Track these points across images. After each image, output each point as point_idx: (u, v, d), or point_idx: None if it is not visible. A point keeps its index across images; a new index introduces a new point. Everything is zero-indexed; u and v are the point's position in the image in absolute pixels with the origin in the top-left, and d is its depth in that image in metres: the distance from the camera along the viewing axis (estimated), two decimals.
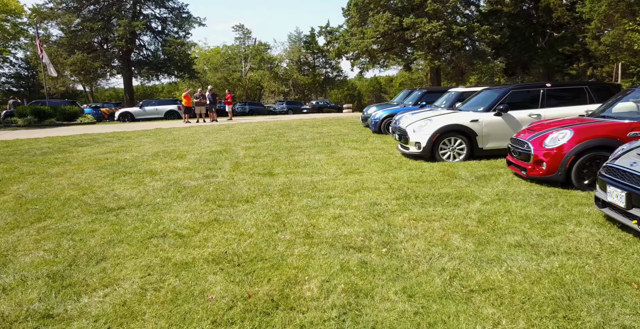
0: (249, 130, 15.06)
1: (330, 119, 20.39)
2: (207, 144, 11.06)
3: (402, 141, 8.02)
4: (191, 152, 9.60)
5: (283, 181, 6.28)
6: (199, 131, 15.14)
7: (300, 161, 7.94)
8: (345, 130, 13.90)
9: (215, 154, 9.21)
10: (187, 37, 36.35)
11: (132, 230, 4.25)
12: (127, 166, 7.96)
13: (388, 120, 12.10)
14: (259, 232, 4.12)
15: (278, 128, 15.50)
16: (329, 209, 4.78)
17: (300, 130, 14.35)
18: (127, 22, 29.31)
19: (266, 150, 9.58)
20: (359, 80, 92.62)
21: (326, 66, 65.63)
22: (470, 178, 6.06)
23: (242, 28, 62.57)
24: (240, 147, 10.25)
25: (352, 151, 9.13)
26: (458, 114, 7.65)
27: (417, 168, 6.92)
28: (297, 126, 16.48)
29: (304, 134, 12.76)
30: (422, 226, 4.14)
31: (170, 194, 5.72)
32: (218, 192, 5.74)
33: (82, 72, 30.85)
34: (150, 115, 26.14)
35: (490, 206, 4.72)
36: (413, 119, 8.13)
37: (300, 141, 11.04)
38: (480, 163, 7.10)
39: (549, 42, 26.59)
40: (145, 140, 12.42)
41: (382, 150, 9.13)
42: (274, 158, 8.41)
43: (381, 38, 23.52)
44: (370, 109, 14.54)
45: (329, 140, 11.06)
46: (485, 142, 7.33)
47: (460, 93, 10.06)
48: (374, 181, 6.08)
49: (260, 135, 13.00)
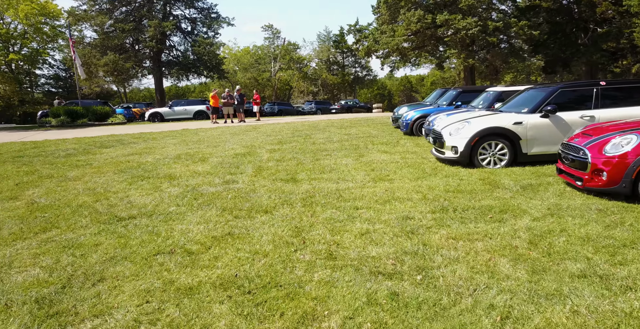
0: (275, 131, 14.71)
1: (359, 120, 19.84)
2: (232, 146, 10.74)
3: (436, 144, 7.42)
4: (214, 154, 9.28)
5: (306, 189, 5.82)
6: (225, 132, 14.91)
7: (325, 166, 7.47)
8: (374, 131, 13.34)
9: (238, 157, 8.86)
10: (217, 38, 36.56)
11: (138, 244, 3.89)
12: (147, 169, 7.69)
13: (420, 121, 11.47)
14: (275, 250, 3.67)
15: (305, 129, 15.09)
16: (355, 223, 4.29)
17: (327, 131, 13.89)
18: (157, 23, 29.62)
19: (291, 153, 9.16)
20: (389, 80, 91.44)
21: (355, 65, 64.97)
22: (515, 188, 5.43)
23: (271, 28, 62.70)
24: (264, 149, 9.87)
25: (381, 154, 8.59)
26: (499, 115, 7.00)
27: (454, 175, 6.32)
28: (325, 127, 16.02)
29: (331, 136, 12.28)
30: (463, 247, 3.59)
31: (185, 202, 5.36)
32: (236, 200, 5.34)
33: (114, 72, 31.41)
34: (179, 115, 26.27)
35: (541, 222, 4.11)
36: (449, 121, 7.52)
37: (326, 143, 10.57)
38: (524, 170, 6.44)
39: (592, 38, 25.12)
40: (170, 141, 12.25)
41: (415, 154, 8.54)
42: (299, 162, 7.98)
43: (412, 36, 22.75)
44: (401, 110, 13.92)
45: (357, 142, 10.54)
46: (530, 146, 6.65)
47: (499, 93, 9.35)
48: (406, 190, 5.54)
49: (286, 137, 12.61)
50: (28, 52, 44.60)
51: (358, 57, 63.51)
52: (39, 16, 40.53)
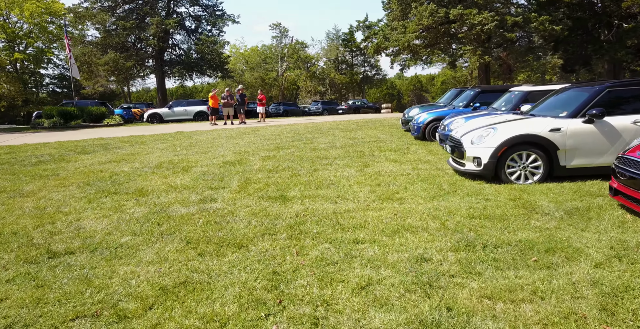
0: (275, 134, 13.71)
1: (366, 122, 18.77)
2: (223, 152, 9.75)
3: (455, 154, 6.34)
4: (200, 163, 8.29)
5: (297, 211, 4.79)
6: (221, 135, 13.94)
7: (324, 179, 6.43)
8: (382, 135, 12.27)
9: (226, 166, 7.86)
10: (221, 36, 35.67)
11: (55, 301, 2.88)
12: (118, 182, 6.72)
13: (434, 124, 10.38)
14: (239, 314, 2.65)
15: (307, 132, 14.07)
16: (354, 268, 3.25)
17: (331, 135, 12.85)
18: (160, 20, 28.80)
19: (287, 161, 8.14)
20: (399, 79, 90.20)
21: (364, 65, 63.87)
22: (557, 213, 4.34)
23: (279, 26, 61.89)
24: (258, 157, 8.86)
25: (389, 164, 7.52)
26: (531, 121, 5.90)
27: (478, 193, 5.24)
28: (329, 129, 14.98)
29: (334, 140, 11.24)
30: (505, 314, 2.53)
31: (145, 229, 4.35)
32: (208, 228, 4.32)
33: (115, 72, 30.67)
34: (179, 116, 25.41)
35: (609, 271, 3.03)
36: (470, 126, 6.44)
37: (328, 150, 9.53)
38: (563, 187, 5.34)
39: (616, 34, 23.76)
40: (158, 146, 11.29)
41: (428, 163, 7.47)
42: (293, 173, 6.94)
43: (424, 32, 21.61)
44: (412, 111, 12.83)
45: (363, 148, 9.49)
46: (570, 158, 5.55)
47: (525, 93, 8.23)
48: (419, 214, 4.48)
49: (285, 141, 11.59)
50: (33, 51, 44.20)
51: (367, 56, 62.28)
52: (45, 15, 40.07)
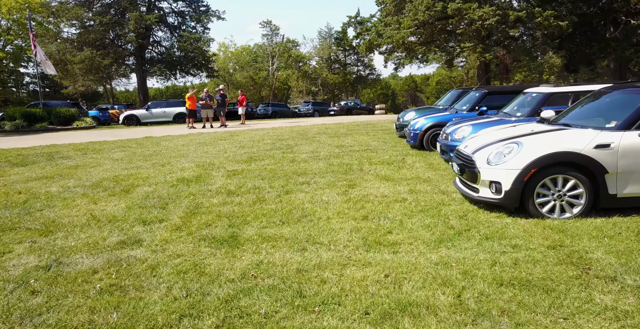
0: (254, 140, 12.27)
1: (358, 125, 17.38)
2: (185, 164, 8.30)
3: (465, 175, 4.93)
4: (151, 179, 6.84)
5: (245, 266, 3.37)
6: (192, 142, 12.47)
7: (295, 206, 5.01)
8: (374, 142, 10.86)
9: (180, 184, 6.41)
10: (206, 33, 34.10)
11: None
12: (30, 210, 5.25)
13: (433, 132, 8.99)
14: None
15: (291, 138, 12.64)
16: None
17: (316, 141, 11.42)
18: (139, 15, 27.21)
19: (256, 178, 6.70)
20: (393, 79, 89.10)
21: (358, 64, 62.65)
22: (629, 277, 2.95)
23: (269, 24, 60.54)
24: (223, 171, 7.42)
25: (381, 183, 6.11)
26: (567, 133, 4.52)
27: (501, 235, 3.84)
28: (316, 134, 13.56)
29: (318, 149, 9.82)
30: None
31: (5, 304, 2.90)
32: (102, 301, 2.88)
33: (91, 70, 29.03)
34: (158, 118, 23.87)
35: None
36: (483, 138, 5.04)
37: (310, 162, 8.11)
38: (617, 226, 3.95)
39: (623, 31, 22.55)
40: (114, 156, 9.80)
41: (428, 183, 6.06)
42: (258, 197, 5.51)
43: (420, 28, 20.26)
44: (407, 115, 11.44)
45: (350, 161, 8.07)
46: (622, 184, 4.17)
47: (545, 95, 6.85)
48: (422, 276, 3.08)
49: (262, 149, 10.16)
50: (12, 49, 42.33)
51: (361, 55, 60.93)
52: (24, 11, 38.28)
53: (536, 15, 18.83)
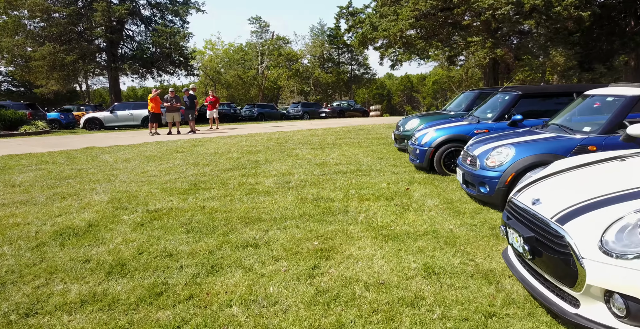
0: (217, 153, 9.89)
1: (349, 131, 15.03)
2: (96, 196, 5.91)
3: (540, 260, 2.55)
4: (18, 229, 4.43)
5: None
6: (140, 155, 10.06)
7: (207, 324, 2.62)
8: (367, 158, 8.51)
9: (51, 242, 4.02)
10: (186, 28, 31.57)
11: None
12: None
13: (448, 148, 6.64)
14: None
15: (265, 150, 10.26)
16: None
17: (294, 156, 9.06)
18: (105, 6, 24.68)
19: (176, 232, 4.32)
20: (389, 79, 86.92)
21: (352, 63, 60.37)
22: None
23: (259, 20, 58.11)
24: (139, 213, 5.02)
25: (375, 247, 3.75)
26: None
27: None
28: (297, 144, 11.19)
29: (293, 169, 7.45)
30: None
31: None
32: None
33: (54, 67, 26.44)
34: (123, 122, 21.40)
35: None
36: (573, 187, 2.67)
37: (274, 194, 5.73)
38: None
39: None
40: (15, 180, 7.37)
41: (453, 247, 3.70)
42: (150, 289, 3.12)
43: (421, 20, 17.98)
44: (409, 124, 9.09)
45: (332, 193, 5.70)
46: None
47: (632, 99, 4.50)
48: None
49: (219, 169, 7.78)
50: None
51: (355, 53, 58.60)
52: None
53: (554, 3, 16.60)
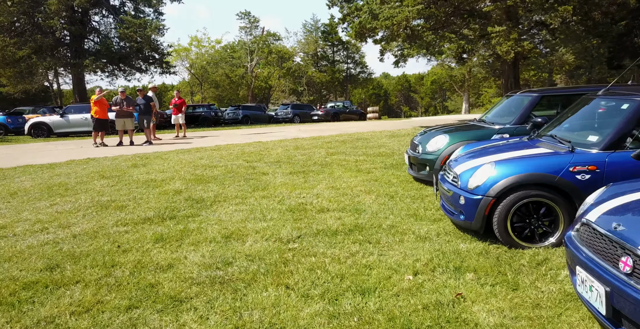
0: (151, 183, 6.88)
1: (344, 141, 12.03)
2: None
3: None
4: None
5: None
6: (42, 185, 7.03)
7: None
8: (369, 199, 5.50)
9: None
10: (161, 20, 28.50)
11: None
12: None
13: (523, 198, 3.63)
14: None
15: (223, 175, 7.25)
16: None
17: (259, 190, 6.05)
18: None
19: None
20: (386, 79, 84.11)
21: (348, 61, 57.47)
22: None
23: (248, 15, 55.10)
24: None
25: None
26: None
27: None
28: (272, 165, 8.17)
29: (246, 227, 4.44)
30: None
31: None
32: None
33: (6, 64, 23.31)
34: (77, 127, 18.32)
35: None
36: None
37: (183, 305, 2.71)
38: None
39: None
40: None
41: None
42: None
43: (431, 6, 15.04)
44: (432, 142, 6.09)
45: (305, 309, 2.69)
46: None
47: None
48: None
49: (127, 222, 4.77)
50: None
51: (351, 51, 55.75)
52: None
53: None
